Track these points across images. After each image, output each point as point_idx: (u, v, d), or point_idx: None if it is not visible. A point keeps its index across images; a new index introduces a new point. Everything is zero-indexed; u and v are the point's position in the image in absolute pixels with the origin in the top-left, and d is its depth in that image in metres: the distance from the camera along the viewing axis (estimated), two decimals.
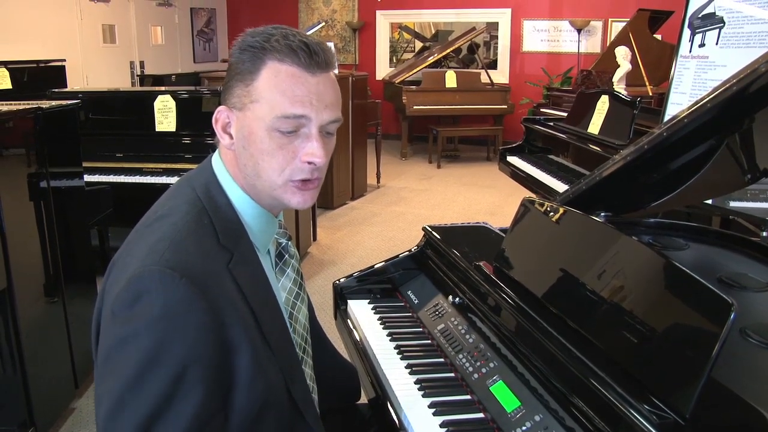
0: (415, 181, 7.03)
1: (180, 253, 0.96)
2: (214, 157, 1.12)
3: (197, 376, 0.92)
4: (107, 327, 0.96)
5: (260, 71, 1.01)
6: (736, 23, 2.54)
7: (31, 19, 6.68)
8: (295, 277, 1.20)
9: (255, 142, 1.02)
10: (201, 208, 1.05)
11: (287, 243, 1.19)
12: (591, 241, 1.29)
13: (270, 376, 1.03)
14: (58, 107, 2.59)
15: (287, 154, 1.02)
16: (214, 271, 0.99)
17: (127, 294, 0.93)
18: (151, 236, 1.00)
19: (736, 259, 1.63)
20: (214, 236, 1.02)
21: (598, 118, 3.71)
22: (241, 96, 1.03)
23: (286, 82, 1.00)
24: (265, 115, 1.00)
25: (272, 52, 1.01)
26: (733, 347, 1.14)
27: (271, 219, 1.13)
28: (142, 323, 0.91)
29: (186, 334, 0.92)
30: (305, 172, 1.04)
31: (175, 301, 0.92)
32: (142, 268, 0.94)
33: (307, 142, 1.03)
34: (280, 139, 1.01)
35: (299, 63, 1.01)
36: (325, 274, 4.24)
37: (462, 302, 1.53)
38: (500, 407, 1.21)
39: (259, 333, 1.03)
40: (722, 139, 1.40)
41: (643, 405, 0.96)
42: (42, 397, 2.38)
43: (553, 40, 8.64)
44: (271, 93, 1.00)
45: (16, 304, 2.21)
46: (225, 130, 1.07)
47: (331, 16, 9.82)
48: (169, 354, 0.91)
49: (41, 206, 2.45)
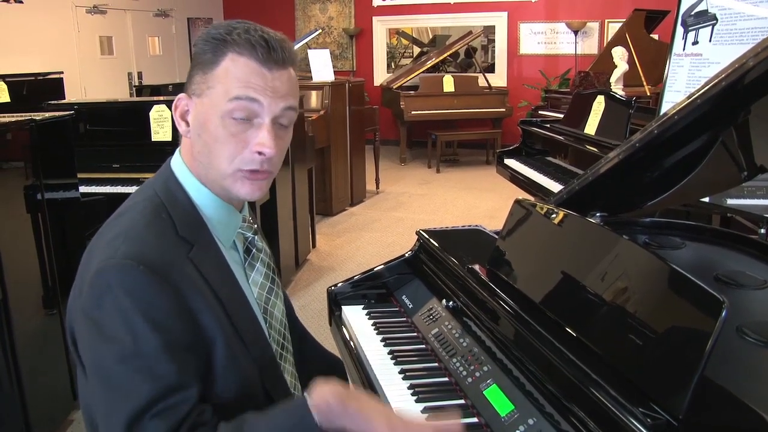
0: (414, 186, 7.03)
1: (136, 244, 0.97)
2: (174, 156, 1.14)
3: (178, 361, 0.93)
4: (81, 329, 0.98)
5: (220, 62, 1.03)
6: (729, 20, 2.53)
7: (28, 32, 6.69)
8: (266, 272, 1.18)
9: (209, 129, 1.04)
10: (158, 203, 1.06)
11: (254, 237, 1.18)
12: (584, 242, 1.27)
13: (243, 368, 1.03)
14: (52, 119, 2.59)
15: (239, 142, 1.03)
16: (174, 260, 1.00)
17: (91, 292, 0.95)
18: (109, 233, 1.02)
19: (733, 257, 1.61)
20: (172, 228, 1.03)
21: (594, 118, 3.70)
22: (199, 83, 1.05)
23: (242, 71, 1.02)
24: (219, 100, 1.02)
25: (232, 44, 1.02)
26: (730, 346, 1.13)
27: (232, 211, 1.13)
28: (112, 317, 0.92)
29: (157, 318, 0.93)
30: (255, 162, 1.04)
31: (137, 289, 0.93)
32: (101, 264, 0.95)
33: (259, 132, 1.04)
34: (233, 126, 1.02)
35: (257, 58, 1.02)
36: (324, 280, 4.22)
37: (456, 306, 1.52)
38: (494, 411, 1.19)
39: (230, 324, 1.03)
40: (718, 136, 1.39)
41: (637, 407, 0.94)
42: (39, 409, 2.37)
43: (549, 43, 8.64)
44: (226, 78, 1.02)
45: (11, 315, 2.21)
46: (183, 117, 1.08)
47: (328, 23, 9.84)
48: (146, 342, 0.91)
49: (37, 218, 2.45)
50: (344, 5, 9.70)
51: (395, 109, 8.04)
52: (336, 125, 5.60)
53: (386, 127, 8.83)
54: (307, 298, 3.97)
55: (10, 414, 2.26)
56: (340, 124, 5.68)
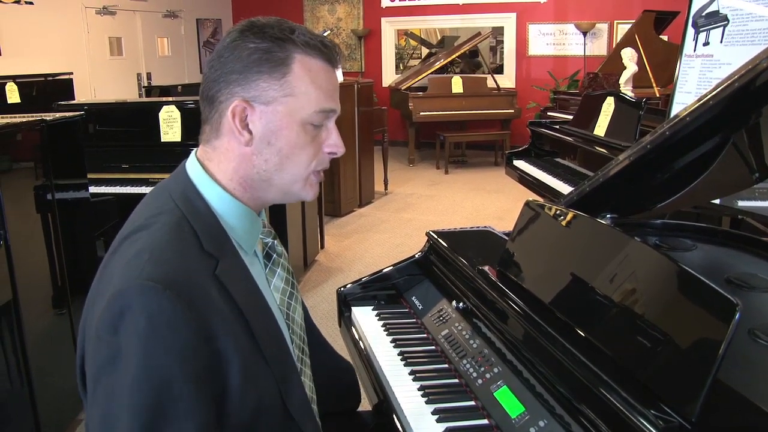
0: (422, 188, 7.02)
1: (161, 263, 0.91)
2: (189, 161, 1.08)
3: (190, 390, 0.88)
4: (94, 348, 0.91)
5: (290, 65, 1.00)
6: (741, 21, 2.51)
7: (38, 33, 6.74)
8: (286, 276, 1.16)
9: (286, 137, 1.02)
10: (179, 215, 1.00)
11: (273, 242, 1.16)
12: (594, 243, 1.27)
13: (261, 385, 0.99)
14: (62, 119, 2.60)
15: (316, 146, 1.05)
16: (200, 280, 0.94)
17: (109, 313, 0.88)
18: (130, 249, 0.95)
19: (744, 259, 1.60)
20: (196, 243, 0.98)
21: (603, 119, 3.68)
22: (267, 89, 1.00)
23: (321, 77, 1.02)
24: (302, 109, 1.01)
25: (298, 45, 1.01)
26: (742, 348, 1.12)
27: (254, 217, 1.09)
28: (129, 341, 0.87)
29: (175, 347, 0.87)
30: (326, 162, 1.08)
31: (160, 315, 0.87)
32: (123, 284, 0.89)
33: (330, 135, 1.07)
34: (312, 131, 1.04)
35: (324, 58, 1.03)
36: (332, 281, 4.22)
37: (466, 307, 1.52)
38: (504, 413, 1.19)
39: (251, 341, 0.98)
40: (729, 138, 1.38)
41: (649, 409, 0.94)
42: (49, 409, 2.37)
43: (558, 44, 8.62)
44: (308, 87, 1.01)
45: (21, 315, 2.22)
46: (245, 126, 1.01)
47: (337, 24, 9.85)
48: (160, 370, 0.86)
49: (47, 218, 2.46)
50: (353, 6, 9.71)
51: (404, 110, 8.03)
52: (345, 126, 5.60)
53: (395, 128, 8.83)
54: (315, 299, 3.97)
55: (20, 413, 2.27)
56: (349, 125, 5.68)
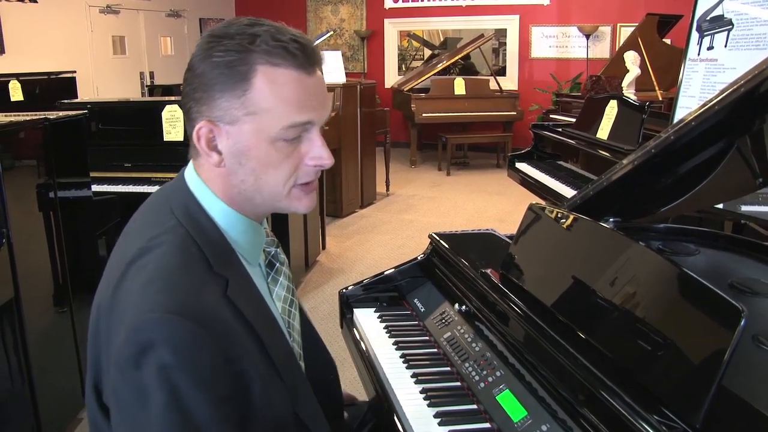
0: (424, 189, 7.02)
1: (175, 293, 0.88)
2: (188, 173, 1.03)
3: (217, 417, 0.86)
4: (115, 379, 0.88)
5: (251, 79, 0.92)
6: (745, 25, 2.51)
7: (42, 31, 6.74)
8: (288, 285, 1.14)
9: (256, 156, 0.95)
10: (184, 233, 0.95)
11: (276, 251, 1.13)
12: (598, 248, 1.27)
13: (276, 402, 0.97)
14: (66, 118, 2.60)
15: (293, 161, 0.97)
16: (214, 304, 0.91)
17: (130, 348, 0.85)
18: (139, 276, 0.91)
19: (747, 264, 1.60)
20: (204, 263, 0.94)
21: (606, 123, 3.68)
22: (229, 109, 0.93)
23: (288, 89, 0.93)
24: (268, 127, 0.93)
25: (261, 54, 0.92)
26: (745, 354, 1.11)
27: (258, 229, 1.06)
28: (156, 376, 0.84)
29: (201, 377, 0.85)
30: (310, 174, 1.00)
31: (184, 346, 0.85)
32: (139, 319, 0.86)
33: (312, 146, 0.98)
34: (285, 148, 0.95)
35: (296, 65, 0.93)
36: (334, 282, 4.22)
37: (468, 310, 1.51)
38: (506, 417, 1.19)
39: (265, 357, 0.96)
40: (732, 142, 1.38)
41: (653, 415, 0.94)
42: (50, 408, 2.37)
43: (561, 46, 8.61)
44: (271, 102, 0.92)
45: (23, 313, 2.22)
46: (212, 147, 0.96)
47: (340, 24, 9.85)
48: (186, 401, 0.84)
49: (50, 216, 2.46)
50: (356, 7, 9.71)
51: (406, 112, 8.03)
52: (347, 127, 5.60)
53: (397, 130, 8.83)
54: (316, 300, 3.97)
55: (21, 412, 2.27)
56: (351, 126, 5.68)
